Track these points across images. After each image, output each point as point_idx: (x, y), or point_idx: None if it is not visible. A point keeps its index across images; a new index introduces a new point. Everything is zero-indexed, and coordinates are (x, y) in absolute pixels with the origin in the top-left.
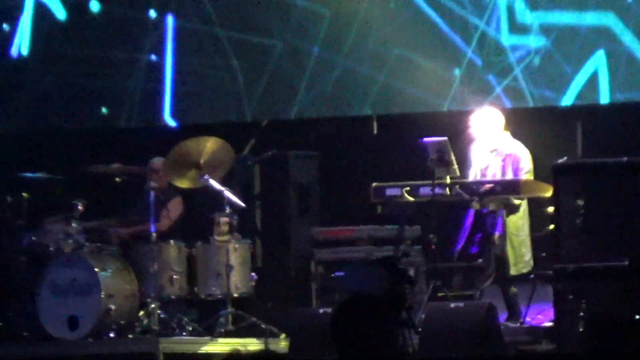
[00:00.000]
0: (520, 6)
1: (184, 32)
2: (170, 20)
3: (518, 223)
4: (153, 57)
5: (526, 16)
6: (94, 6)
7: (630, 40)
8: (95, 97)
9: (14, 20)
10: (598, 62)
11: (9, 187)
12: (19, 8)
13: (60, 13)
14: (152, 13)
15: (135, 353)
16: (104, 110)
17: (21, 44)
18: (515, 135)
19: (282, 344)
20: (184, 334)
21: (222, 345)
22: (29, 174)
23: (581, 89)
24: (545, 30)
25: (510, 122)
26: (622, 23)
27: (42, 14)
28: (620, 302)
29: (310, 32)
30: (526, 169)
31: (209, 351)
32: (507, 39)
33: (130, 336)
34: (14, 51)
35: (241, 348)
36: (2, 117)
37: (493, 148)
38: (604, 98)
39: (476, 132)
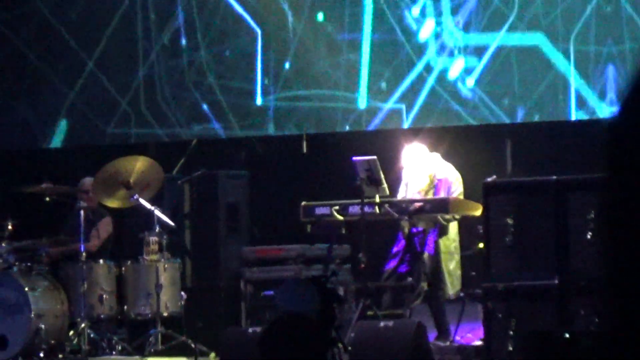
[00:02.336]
0: (451, 28)
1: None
2: None
3: (450, 246)
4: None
5: (457, 38)
6: None
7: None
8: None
9: None
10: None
11: None
12: None
13: None
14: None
15: None
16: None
17: None
18: (446, 154)
19: None
20: (114, 353)
21: None
22: None
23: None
24: (477, 50)
25: (441, 141)
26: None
27: None
28: (550, 320)
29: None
30: (457, 192)
31: None
32: (438, 60)
33: (60, 356)
34: None
35: None
36: None
37: (425, 172)
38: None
39: (408, 168)
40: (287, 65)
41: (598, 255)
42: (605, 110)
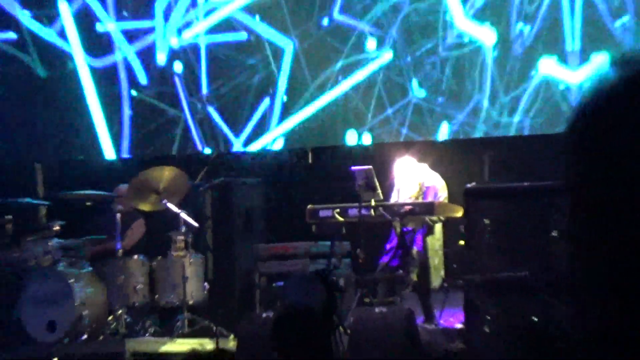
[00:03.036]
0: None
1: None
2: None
3: (436, 244)
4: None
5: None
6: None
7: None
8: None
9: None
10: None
11: None
12: None
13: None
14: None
15: (106, 353)
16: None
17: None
18: (433, 164)
19: (231, 343)
20: (147, 335)
21: (180, 344)
22: (13, 200)
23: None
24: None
25: (429, 153)
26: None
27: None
28: (521, 307)
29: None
30: (443, 197)
31: (168, 350)
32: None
33: (100, 338)
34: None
35: (198, 347)
36: None
37: (415, 180)
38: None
39: (400, 174)
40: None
41: (562, 252)
42: None
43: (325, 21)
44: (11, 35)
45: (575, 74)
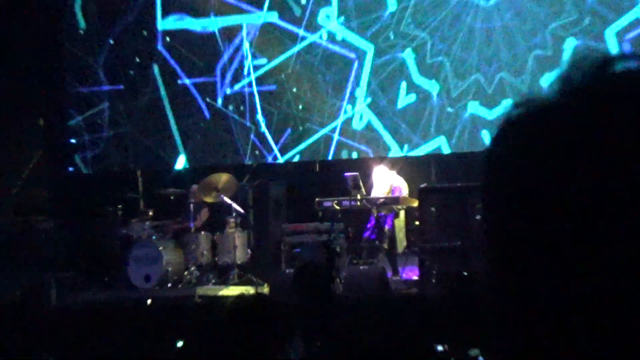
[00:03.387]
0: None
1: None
2: None
3: (400, 224)
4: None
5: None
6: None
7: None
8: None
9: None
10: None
11: (109, 201)
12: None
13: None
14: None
15: (182, 295)
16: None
17: None
18: (400, 171)
19: (265, 289)
20: (210, 284)
21: (231, 290)
22: (123, 194)
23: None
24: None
25: (396, 164)
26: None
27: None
28: (455, 265)
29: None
30: (405, 193)
31: (223, 293)
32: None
33: (179, 286)
34: None
35: (244, 292)
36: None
37: (387, 181)
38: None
39: (377, 177)
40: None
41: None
42: None
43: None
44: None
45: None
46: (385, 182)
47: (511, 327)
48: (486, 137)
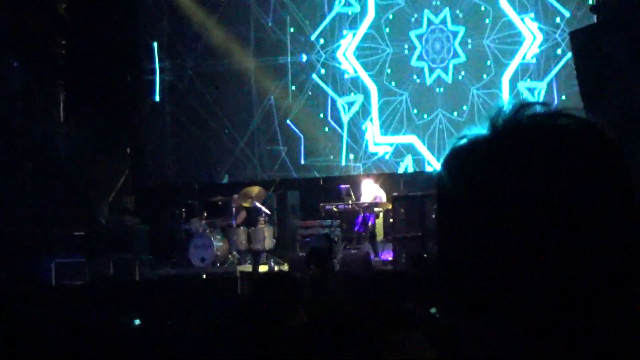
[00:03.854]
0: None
1: None
2: None
3: (380, 221)
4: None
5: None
6: None
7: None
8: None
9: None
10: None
11: (172, 205)
12: None
13: None
14: None
15: (228, 272)
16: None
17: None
18: (380, 184)
19: (285, 267)
20: (246, 264)
21: (262, 267)
22: (187, 201)
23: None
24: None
25: (378, 179)
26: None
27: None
28: (417, 249)
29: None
30: (383, 200)
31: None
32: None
33: (225, 265)
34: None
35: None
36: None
37: (372, 192)
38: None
39: (365, 188)
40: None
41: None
42: None
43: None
44: None
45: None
46: (371, 192)
47: (450, 292)
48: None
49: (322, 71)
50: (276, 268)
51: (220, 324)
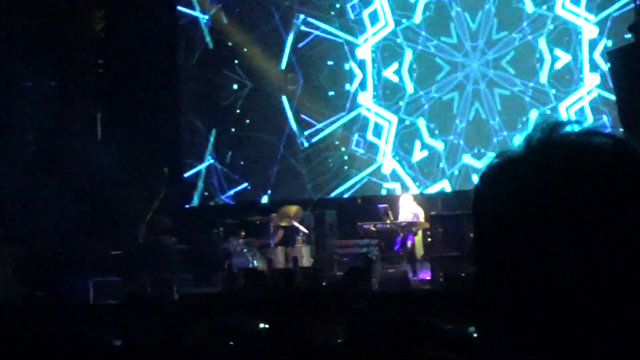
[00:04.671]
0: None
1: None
2: None
3: (418, 240)
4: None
5: None
6: None
7: None
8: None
9: None
10: None
11: (213, 225)
12: None
13: None
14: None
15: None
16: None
17: None
18: (418, 202)
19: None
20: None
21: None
22: (225, 220)
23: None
24: None
25: (416, 196)
26: None
27: None
28: (454, 268)
29: None
30: (421, 218)
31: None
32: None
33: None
34: None
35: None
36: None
37: (409, 208)
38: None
39: (403, 203)
40: None
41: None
42: None
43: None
44: None
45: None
46: (408, 208)
47: (488, 312)
48: (475, 179)
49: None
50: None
51: (257, 342)
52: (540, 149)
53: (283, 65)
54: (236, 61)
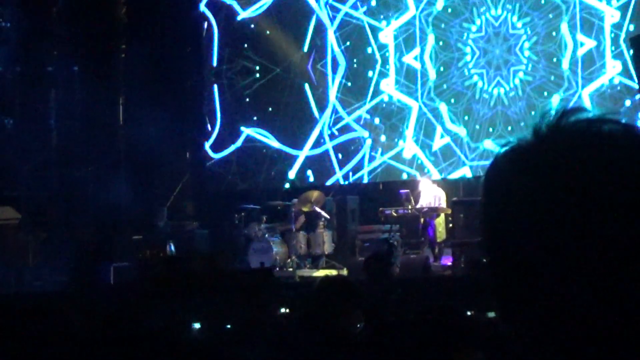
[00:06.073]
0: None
1: None
2: None
3: (440, 226)
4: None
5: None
6: None
7: None
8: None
9: None
10: None
11: (235, 210)
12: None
13: None
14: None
15: (286, 276)
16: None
17: None
18: (438, 186)
19: (344, 272)
20: (306, 268)
21: (321, 272)
22: (246, 206)
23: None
24: None
25: (436, 180)
26: None
27: None
28: (476, 253)
29: None
30: (443, 202)
31: (315, 275)
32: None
33: (284, 269)
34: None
35: (329, 273)
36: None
37: (430, 191)
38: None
39: (423, 187)
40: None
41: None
42: None
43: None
44: None
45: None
46: (430, 192)
47: (498, 297)
48: None
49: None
50: (334, 272)
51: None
52: (550, 137)
53: (305, 48)
54: (259, 45)
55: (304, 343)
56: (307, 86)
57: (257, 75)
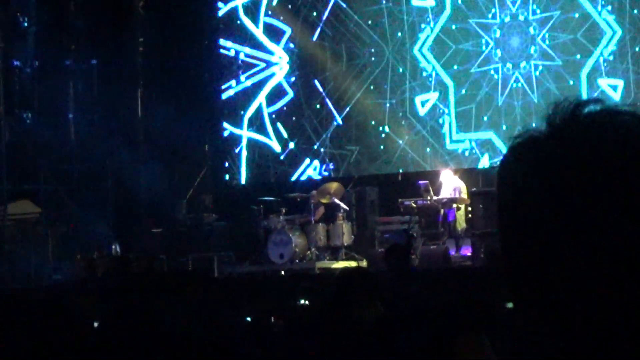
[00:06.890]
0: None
1: None
2: None
3: (461, 217)
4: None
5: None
6: None
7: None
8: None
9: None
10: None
11: (254, 202)
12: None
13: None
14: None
15: (306, 268)
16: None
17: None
18: (459, 176)
19: (364, 263)
20: (325, 259)
21: (340, 263)
22: (265, 198)
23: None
24: None
25: (457, 171)
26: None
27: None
28: (497, 244)
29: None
30: (463, 193)
31: (334, 266)
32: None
33: (304, 261)
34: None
35: (348, 265)
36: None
37: (451, 183)
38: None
39: (444, 179)
40: None
41: None
42: None
43: None
44: None
45: None
46: (450, 183)
47: (512, 288)
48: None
49: (400, 69)
50: (354, 264)
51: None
52: (565, 129)
53: (314, 37)
54: (276, 37)
55: (324, 333)
56: (316, 82)
57: (275, 66)
